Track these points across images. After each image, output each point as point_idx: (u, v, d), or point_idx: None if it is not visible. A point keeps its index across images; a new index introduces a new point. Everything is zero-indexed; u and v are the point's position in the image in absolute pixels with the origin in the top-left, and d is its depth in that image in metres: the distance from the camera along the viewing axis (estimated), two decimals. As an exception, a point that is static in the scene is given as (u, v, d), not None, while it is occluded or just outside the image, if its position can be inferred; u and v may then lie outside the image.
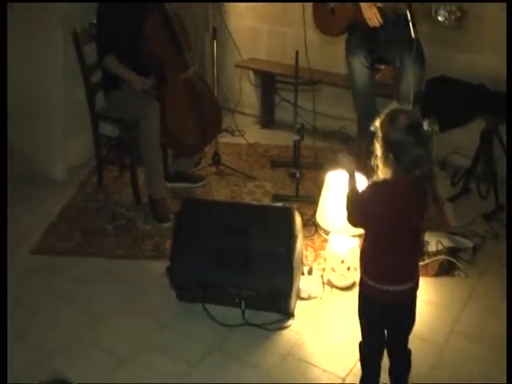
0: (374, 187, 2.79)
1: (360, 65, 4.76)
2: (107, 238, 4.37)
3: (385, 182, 2.72)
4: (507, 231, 4.29)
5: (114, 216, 4.62)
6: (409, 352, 2.98)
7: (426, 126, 2.60)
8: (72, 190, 4.94)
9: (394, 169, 2.67)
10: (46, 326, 3.58)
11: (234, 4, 6.27)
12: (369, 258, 2.85)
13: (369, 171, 2.90)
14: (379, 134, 2.70)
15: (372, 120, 2.77)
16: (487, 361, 3.40)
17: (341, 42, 5.52)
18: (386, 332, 2.93)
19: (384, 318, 2.86)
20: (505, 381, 2.91)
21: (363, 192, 2.83)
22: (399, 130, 2.63)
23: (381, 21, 4.45)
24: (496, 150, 4.78)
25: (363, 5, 4.46)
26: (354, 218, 2.88)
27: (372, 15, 4.46)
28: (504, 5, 4.77)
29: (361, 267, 2.90)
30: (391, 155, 2.65)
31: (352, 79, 4.92)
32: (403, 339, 2.93)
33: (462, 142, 5.21)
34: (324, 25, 4.88)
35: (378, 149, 2.72)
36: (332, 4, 4.73)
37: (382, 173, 2.73)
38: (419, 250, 2.86)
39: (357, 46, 4.75)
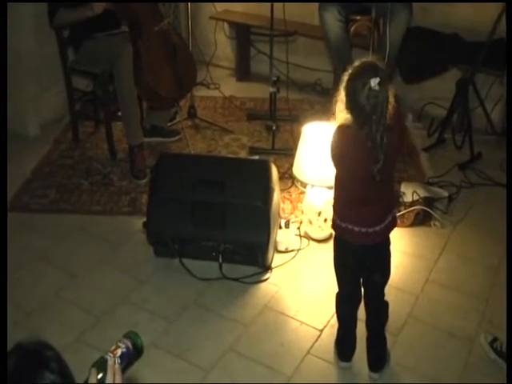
0: (337, 132, 2.78)
1: (333, 19, 4.78)
2: (83, 194, 4.35)
3: (344, 127, 2.71)
4: (507, 172, 4.30)
5: (89, 172, 4.59)
6: (386, 304, 3.01)
7: (373, 83, 2.57)
8: (46, 147, 4.90)
9: (351, 120, 2.67)
10: (22, 285, 3.57)
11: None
12: (340, 201, 2.84)
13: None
14: (343, 86, 2.69)
15: None
16: (463, 309, 3.45)
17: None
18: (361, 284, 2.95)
19: (359, 263, 2.86)
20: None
21: (332, 138, 2.82)
22: (355, 84, 2.62)
23: None
24: (471, 100, 4.78)
25: None
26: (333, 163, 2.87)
27: None
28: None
29: (333, 211, 2.89)
30: (347, 107, 2.66)
31: (325, 33, 4.94)
32: (379, 290, 2.95)
33: (437, 92, 5.21)
34: None
35: (340, 102, 2.71)
36: None
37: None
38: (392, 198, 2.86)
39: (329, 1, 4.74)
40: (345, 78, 2.66)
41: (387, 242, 2.86)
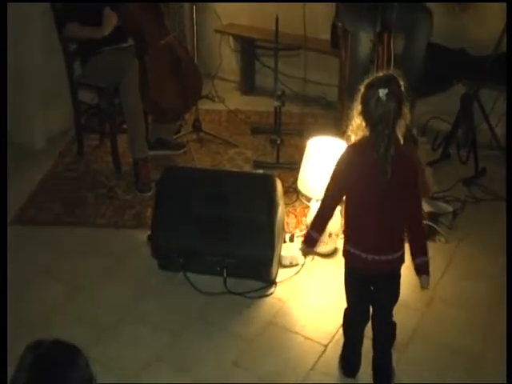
0: (347, 149, 2.81)
1: (367, 39, 4.59)
2: (88, 208, 4.36)
3: (358, 141, 2.75)
4: (507, 188, 4.29)
5: (94, 185, 4.59)
6: (393, 324, 3.00)
7: (381, 93, 2.60)
8: (52, 160, 4.91)
9: (365, 131, 2.71)
10: (27, 298, 3.58)
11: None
12: (350, 226, 2.86)
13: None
14: (358, 98, 2.73)
15: None
16: (468, 325, 3.44)
17: (322, 7, 5.51)
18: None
19: (367, 288, 2.87)
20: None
21: (342, 152, 2.84)
22: (368, 93, 2.66)
23: None
24: (476, 115, 4.78)
25: None
26: (332, 184, 2.88)
27: None
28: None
29: (344, 236, 2.91)
30: (362, 117, 2.69)
31: (354, 53, 4.75)
32: (387, 312, 2.95)
33: (443, 106, 5.21)
34: None
35: (355, 112, 2.75)
36: None
37: (357, 133, 2.77)
38: (406, 221, 2.85)
39: (363, 15, 4.49)
40: (361, 87, 2.71)
41: (398, 270, 2.87)
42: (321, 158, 3.78)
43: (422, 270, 2.91)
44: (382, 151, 2.62)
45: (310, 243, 3.09)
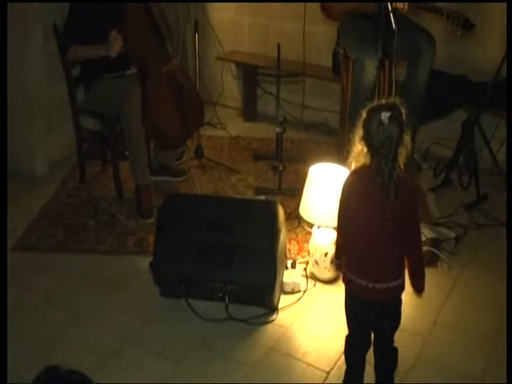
0: (350, 176, 2.81)
1: (373, 65, 4.49)
2: (90, 234, 4.36)
3: (359, 168, 2.75)
4: (507, 215, 4.29)
5: (96, 211, 4.60)
6: (395, 350, 2.98)
7: (383, 116, 2.61)
8: (54, 186, 4.93)
9: (368, 158, 2.71)
10: (28, 325, 3.56)
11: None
12: (351, 254, 2.85)
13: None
14: (360, 124, 2.73)
15: None
16: (470, 351, 3.42)
17: (323, 34, 5.55)
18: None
19: (368, 314, 2.86)
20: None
21: (343, 183, 2.84)
22: (370, 118, 2.67)
23: (407, 5, 4.41)
24: (478, 140, 4.79)
25: None
26: (342, 216, 2.88)
27: None
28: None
29: (344, 263, 2.91)
30: (363, 143, 2.70)
31: (359, 79, 4.72)
32: (388, 338, 2.93)
33: (444, 132, 5.23)
34: (329, 4, 4.84)
35: (357, 137, 2.76)
36: None
37: (358, 160, 2.77)
38: (405, 247, 2.85)
39: (368, 42, 4.47)
40: (363, 113, 2.71)
41: (399, 298, 2.86)
42: (322, 184, 3.79)
43: (416, 286, 2.91)
44: (386, 176, 2.62)
45: (338, 268, 3.07)
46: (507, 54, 4.37)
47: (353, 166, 2.81)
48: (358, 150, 2.73)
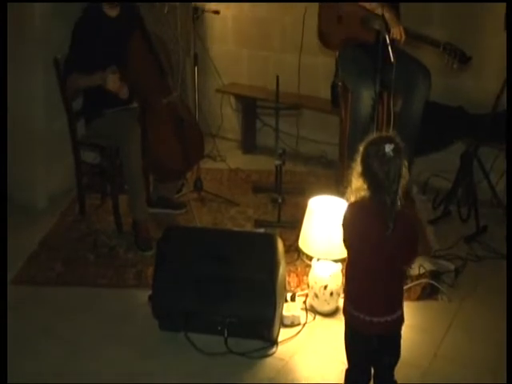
0: (349, 208, 2.82)
1: (369, 97, 4.58)
2: (89, 267, 4.35)
3: (358, 202, 2.76)
4: (507, 247, 4.28)
5: (95, 244, 4.60)
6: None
7: (387, 148, 2.61)
8: (53, 219, 4.93)
9: (367, 191, 2.71)
10: (28, 357, 3.54)
11: (214, 28, 6.31)
12: (351, 287, 2.85)
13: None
14: (359, 157, 2.74)
15: None
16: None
17: (322, 66, 5.59)
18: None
19: (368, 348, 2.86)
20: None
21: (343, 216, 2.85)
22: (370, 151, 2.67)
23: (404, 37, 4.46)
24: (476, 172, 4.80)
25: (390, 17, 4.41)
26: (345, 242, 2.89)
27: (398, 28, 4.45)
28: (482, 30, 4.86)
29: (344, 295, 2.91)
30: (362, 177, 2.70)
31: (356, 110, 4.75)
32: (388, 372, 2.92)
33: (443, 164, 5.24)
34: (327, 31, 4.87)
35: (355, 173, 2.76)
36: (340, 12, 4.74)
37: (356, 195, 2.78)
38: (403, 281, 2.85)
39: (365, 73, 4.54)
40: (361, 148, 2.71)
41: (398, 331, 2.86)
42: (322, 217, 3.80)
43: None
44: (389, 208, 2.62)
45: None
46: (507, 69, 4.37)
47: (351, 200, 2.81)
48: (357, 187, 2.74)
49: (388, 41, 4.06)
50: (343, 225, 2.83)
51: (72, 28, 4.50)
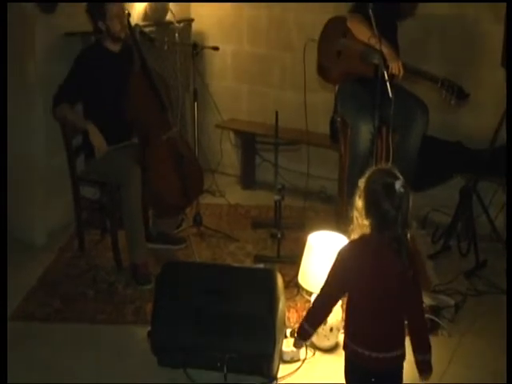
0: (348, 245, 2.81)
1: (368, 132, 4.61)
2: (88, 303, 4.34)
3: (359, 239, 2.75)
4: (507, 282, 4.27)
5: (94, 280, 4.58)
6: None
7: (397, 185, 2.61)
8: (52, 255, 4.92)
9: (369, 228, 2.70)
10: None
11: (214, 64, 6.36)
12: (352, 323, 2.84)
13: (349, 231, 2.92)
14: (360, 194, 2.74)
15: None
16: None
17: (321, 102, 5.61)
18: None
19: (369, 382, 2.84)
20: None
21: (342, 250, 2.84)
22: (376, 188, 2.66)
23: (402, 72, 4.49)
24: (476, 207, 4.80)
25: (389, 52, 4.44)
26: (330, 283, 2.87)
27: (396, 63, 4.48)
28: (479, 65, 4.89)
29: (345, 331, 2.89)
30: (367, 213, 2.69)
31: (354, 145, 4.78)
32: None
33: (442, 199, 5.25)
34: (326, 65, 4.90)
35: (357, 210, 2.76)
36: (339, 46, 4.78)
37: (359, 232, 2.77)
38: (408, 314, 2.84)
39: (364, 108, 4.58)
40: (362, 184, 2.70)
41: (399, 367, 2.84)
42: (321, 252, 3.79)
43: (424, 368, 2.88)
44: (402, 243, 2.63)
45: (303, 335, 3.07)
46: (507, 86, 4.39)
47: (352, 237, 2.81)
48: (360, 224, 2.73)
49: (386, 76, 4.08)
50: (340, 261, 2.82)
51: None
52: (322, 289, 2.91)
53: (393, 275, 2.68)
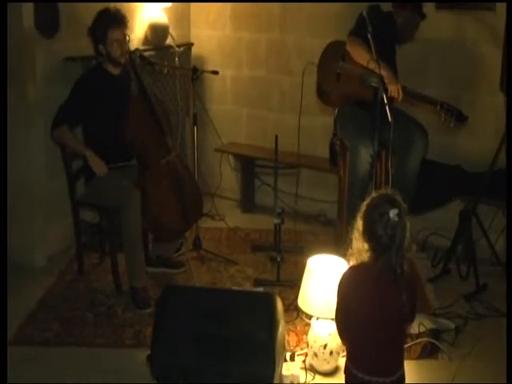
0: (348, 271, 2.82)
1: (367, 155, 4.66)
2: (87, 327, 4.32)
3: (360, 266, 2.76)
4: (507, 305, 4.26)
5: (94, 304, 4.57)
6: None
7: (392, 214, 2.62)
8: (52, 278, 4.91)
9: (368, 253, 2.71)
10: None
11: (213, 88, 6.38)
12: (353, 348, 2.84)
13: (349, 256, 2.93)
14: (361, 216, 2.75)
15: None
16: None
17: (320, 125, 5.63)
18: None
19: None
20: None
21: (344, 277, 2.85)
22: (373, 214, 2.68)
23: (401, 95, 4.50)
24: (475, 230, 4.80)
25: (388, 75, 4.45)
26: (339, 314, 2.88)
27: (396, 86, 4.50)
28: (478, 89, 4.92)
29: (347, 354, 2.89)
30: (364, 237, 2.71)
31: (354, 168, 4.81)
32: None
33: (441, 222, 5.25)
34: (326, 88, 4.93)
35: (358, 231, 2.77)
36: (339, 70, 4.80)
37: (358, 257, 2.78)
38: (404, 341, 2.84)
39: (363, 131, 4.62)
40: (363, 208, 2.72)
41: None
42: (321, 275, 3.78)
43: None
44: (399, 272, 2.63)
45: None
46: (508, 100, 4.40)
47: (352, 262, 2.81)
48: (359, 249, 2.74)
49: (386, 100, 4.10)
50: (342, 290, 2.82)
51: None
52: (337, 325, 2.91)
53: (392, 307, 2.68)
